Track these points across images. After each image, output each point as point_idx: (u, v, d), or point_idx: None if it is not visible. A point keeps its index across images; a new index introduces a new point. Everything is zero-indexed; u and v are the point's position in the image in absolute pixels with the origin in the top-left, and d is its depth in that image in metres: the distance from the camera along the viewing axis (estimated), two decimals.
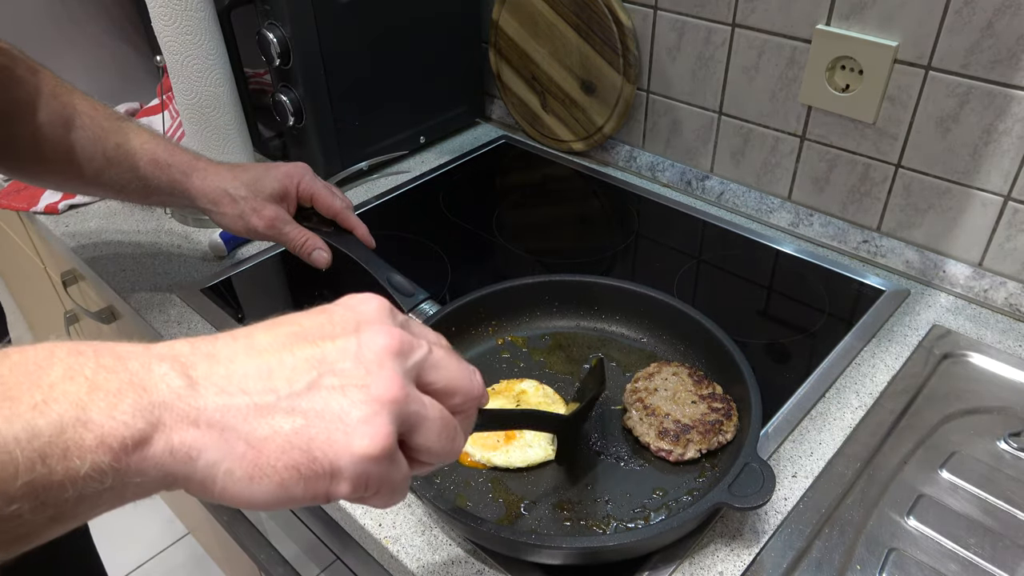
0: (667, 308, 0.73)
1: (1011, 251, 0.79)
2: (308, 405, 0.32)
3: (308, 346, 0.34)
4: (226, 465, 0.31)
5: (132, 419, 0.29)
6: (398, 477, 0.35)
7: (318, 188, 0.81)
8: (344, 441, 0.32)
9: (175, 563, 1.64)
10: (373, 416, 0.32)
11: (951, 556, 0.58)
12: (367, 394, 0.33)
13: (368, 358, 0.34)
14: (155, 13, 0.87)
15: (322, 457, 0.32)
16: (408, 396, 0.34)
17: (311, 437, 0.32)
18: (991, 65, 0.73)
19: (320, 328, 0.35)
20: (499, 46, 1.14)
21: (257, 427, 0.31)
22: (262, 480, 0.31)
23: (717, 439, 0.63)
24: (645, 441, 0.64)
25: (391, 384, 0.33)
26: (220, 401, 0.31)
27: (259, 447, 0.31)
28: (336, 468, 0.32)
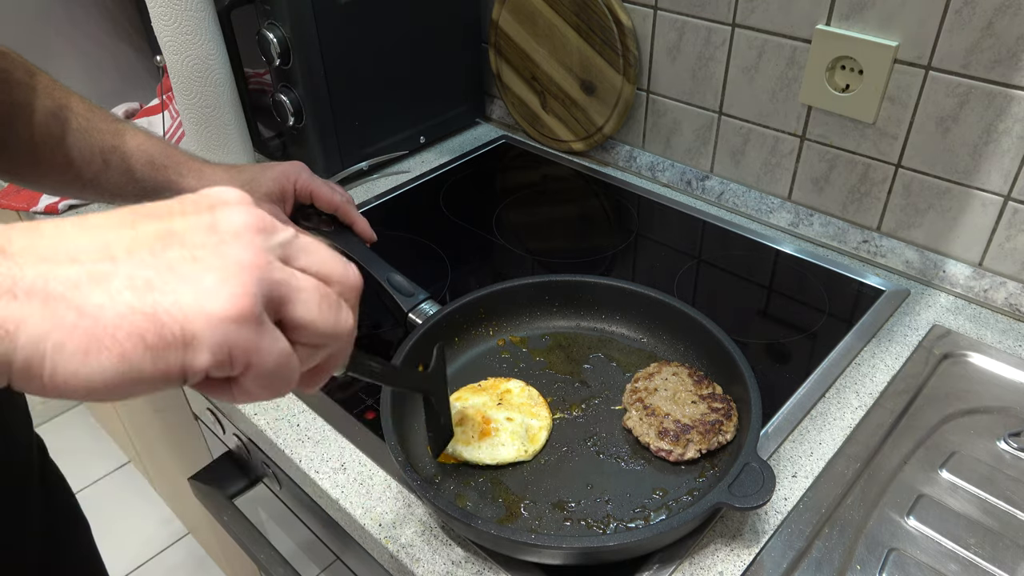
0: (667, 308, 0.73)
1: (1011, 251, 0.79)
2: (151, 271, 0.28)
3: (153, 221, 0.30)
4: (55, 339, 0.26)
5: None
6: (272, 350, 0.30)
7: (316, 185, 0.81)
8: (196, 302, 0.28)
9: (175, 563, 1.64)
10: (230, 276, 0.29)
11: (951, 556, 0.58)
12: (222, 259, 0.29)
13: (224, 230, 0.30)
14: (155, 13, 0.87)
15: (171, 322, 0.27)
16: (271, 264, 0.30)
17: (156, 301, 0.27)
18: (991, 65, 0.73)
19: (168, 207, 0.30)
20: (499, 46, 1.14)
21: (90, 294, 0.27)
22: (100, 353, 0.26)
23: (717, 439, 0.63)
24: (645, 441, 0.64)
25: (249, 251, 0.30)
26: (43, 269, 0.27)
27: (95, 315, 0.26)
28: (189, 333, 0.28)
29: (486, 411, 0.66)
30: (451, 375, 0.72)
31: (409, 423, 0.65)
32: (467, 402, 0.67)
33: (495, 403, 0.67)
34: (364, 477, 0.65)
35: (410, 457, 0.63)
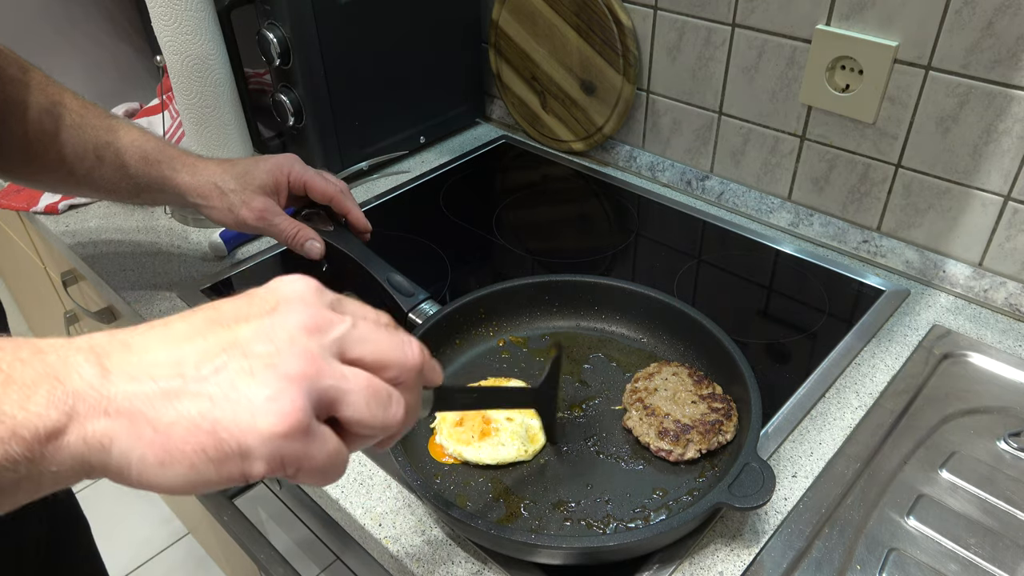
0: (667, 308, 0.73)
1: (1011, 251, 0.79)
2: (215, 388, 0.32)
3: (222, 330, 0.33)
4: (138, 452, 0.31)
5: (45, 410, 0.30)
6: (321, 454, 0.33)
7: (309, 176, 0.81)
8: (249, 420, 0.31)
9: (175, 563, 1.64)
10: (280, 393, 0.32)
11: (951, 556, 0.58)
12: (275, 372, 0.32)
13: (280, 337, 0.33)
14: (155, 13, 0.87)
15: (228, 438, 0.31)
16: (321, 371, 0.33)
17: (216, 419, 0.31)
18: (991, 65, 0.73)
19: (236, 311, 0.34)
20: (499, 46, 1.14)
21: (163, 412, 0.31)
22: (173, 464, 0.31)
23: (717, 439, 0.63)
24: (645, 441, 0.64)
25: (300, 360, 0.33)
26: (129, 388, 0.31)
27: (166, 432, 0.31)
28: (245, 448, 0.31)
29: (486, 411, 0.66)
30: (451, 375, 0.72)
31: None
32: None
33: None
34: (364, 477, 0.65)
35: (410, 457, 0.63)
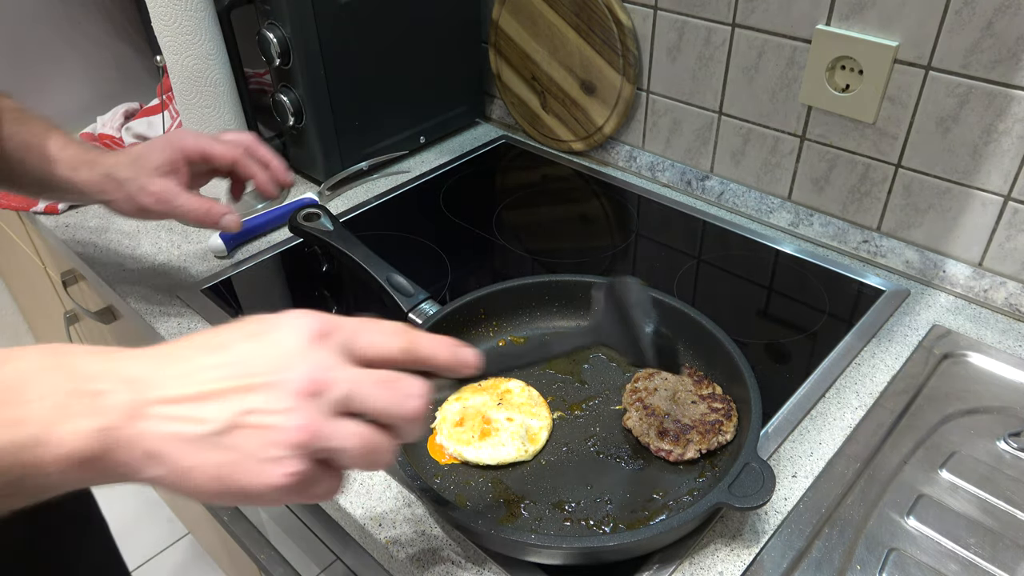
0: (667, 308, 0.73)
1: (1011, 251, 0.79)
2: (229, 442, 0.37)
3: (234, 383, 0.38)
4: (165, 481, 0.37)
5: (87, 444, 0.35)
6: (321, 490, 0.40)
7: (205, 143, 0.75)
8: (256, 477, 0.37)
9: (175, 563, 1.64)
10: (282, 459, 0.38)
11: (951, 556, 0.58)
12: (276, 436, 0.38)
13: (283, 402, 0.38)
14: (155, 13, 0.87)
15: (237, 487, 0.38)
16: (317, 437, 0.38)
17: (230, 471, 0.37)
18: (991, 65, 0.73)
19: (249, 362, 0.39)
20: (499, 46, 1.14)
21: (185, 456, 0.37)
22: (195, 493, 0.38)
23: (717, 439, 0.63)
24: (645, 441, 0.64)
25: (300, 429, 0.38)
26: (156, 430, 0.37)
27: (186, 473, 0.37)
28: (251, 494, 0.38)
29: (486, 411, 0.66)
30: None
31: None
32: (467, 402, 0.67)
33: (495, 403, 0.67)
34: (364, 477, 0.65)
35: (410, 457, 0.63)
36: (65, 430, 0.35)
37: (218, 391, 0.38)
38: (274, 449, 0.38)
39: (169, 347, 0.40)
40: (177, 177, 0.74)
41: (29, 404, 0.35)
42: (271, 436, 0.38)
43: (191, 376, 0.39)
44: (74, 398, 0.36)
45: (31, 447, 0.35)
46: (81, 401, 0.36)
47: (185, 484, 0.37)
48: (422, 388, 0.42)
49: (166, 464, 0.37)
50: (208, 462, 0.37)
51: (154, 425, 0.37)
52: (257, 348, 0.40)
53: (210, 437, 0.37)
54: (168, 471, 0.37)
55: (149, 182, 0.72)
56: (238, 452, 0.37)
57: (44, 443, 0.35)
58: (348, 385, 0.40)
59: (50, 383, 0.36)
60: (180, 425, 0.37)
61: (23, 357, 0.37)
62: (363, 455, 0.40)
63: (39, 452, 0.35)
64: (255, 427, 0.38)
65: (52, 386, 0.36)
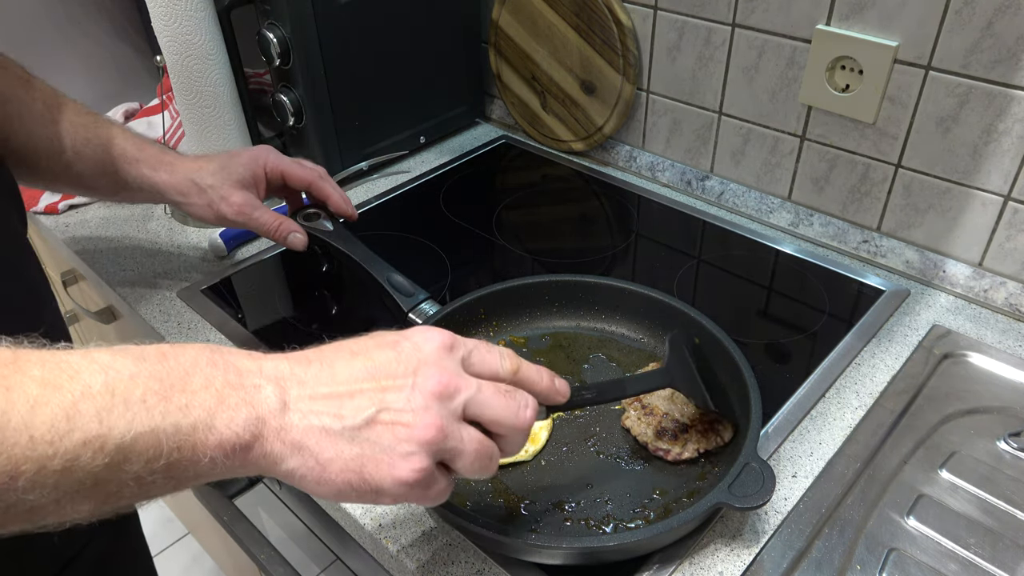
0: (667, 308, 0.73)
1: (1011, 251, 0.79)
2: (365, 436, 0.41)
3: (373, 383, 0.42)
4: (301, 472, 0.41)
5: (242, 431, 0.39)
6: (435, 492, 0.44)
7: (285, 164, 0.80)
8: (388, 471, 0.41)
9: (175, 563, 1.64)
10: (412, 454, 0.41)
11: (951, 556, 0.58)
12: (410, 433, 0.41)
13: (417, 402, 0.42)
14: (155, 13, 0.87)
15: (370, 479, 0.41)
16: (446, 436, 0.42)
17: (363, 464, 0.41)
18: (991, 65, 0.73)
19: (387, 367, 0.43)
20: (499, 46, 1.14)
21: (325, 448, 0.40)
22: (326, 486, 0.41)
23: (715, 439, 0.63)
24: (643, 440, 0.64)
25: (430, 427, 0.41)
26: (301, 423, 0.40)
27: (324, 465, 0.41)
28: (380, 488, 0.41)
29: None
30: None
31: None
32: None
33: None
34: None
35: None
36: (224, 418, 0.38)
37: (359, 390, 0.42)
38: (407, 445, 0.41)
39: (311, 352, 0.44)
40: (256, 190, 0.79)
41: (195, 393, 0.38)
42: (405, 432, 0.41)
43: (334, 377, 0.42)
44: (232, 389, 0.39)
45: (193, 432, 0.37)
46: (237, 393, 0.39)
47: (321, 475, 0.40)
48: (533, 402, 0.47)
49: (307, 455, 0.40)
50: (345, 454, 0.41)
51: (300, 418, 0.40)
52: (393, 355, 0.43)
53: (350, 431, 0.41)
54: (308, 462, 0.40)
55: (231, 192, 0.77)
56: (374, 447, 0.41)
57: (205, 428, 0.38)
58: (474, 391, 0.44)
59: (211, 375, 0.39)
60: (323, 419, 0.41)
61: (186, 351, 0.40)
62: (477, 459, 0.44)
63: (199, 437, 0.37)
64: (391, 423, 0.41)
65: (213, 378, 0.39)
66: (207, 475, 0.39)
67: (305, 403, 0.41)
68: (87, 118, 0.74)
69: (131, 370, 0.37)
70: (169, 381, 0.38)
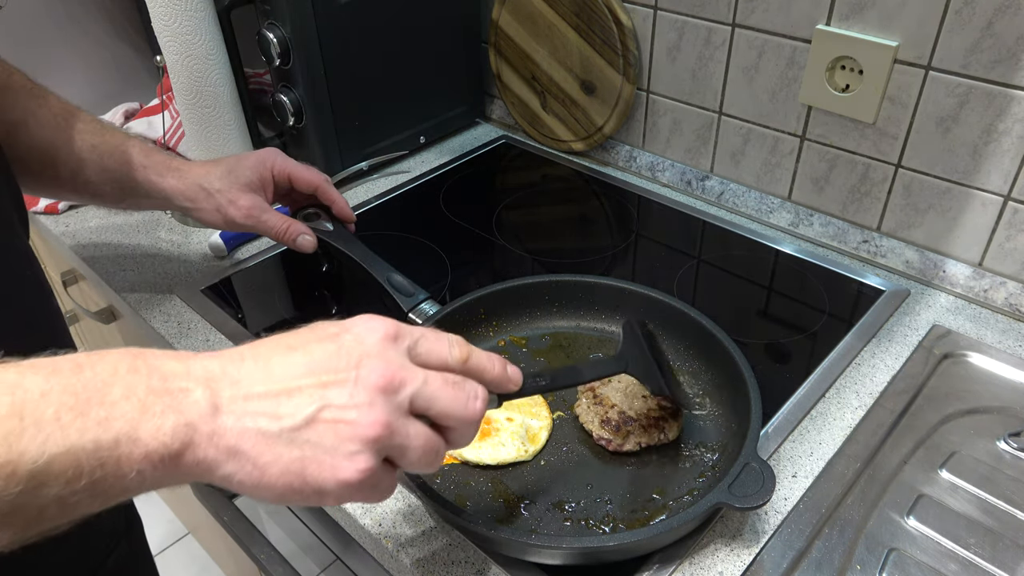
0: (667, 308, 0.73)
1: (1011, 251, 0.79)
2: (306, 437, 0.38)
3: (313, 379, 0.39)
4: (238, 478, 0.38)
5: (171, 440, 0.36)
6: (380, 491, 0.42)
7: (292, 167, 0.80)
8: (330, 472, 0.39)
9: (175, 563, 1.64)
10: (356, 453, 0.39)
11: (951, 556, 0.58)
12: (354, 431, 0.39)
13: (360, 397, 0.39)
14: (155, 13, 0.87)
15: (312, 482, 0.39)
16: (392, 433, 0.40)
17: (305, 467, 0.38)
18: (991, 65, 0.73)
19: (327, 361, 0.40)
20: (499, 46, 1.14)
21: (263, 452, 0.38)
22: (265, 491, 0.39)
23: (658, 436, 0.64)
24: (588, 428, 0.65)
25: (376, 424, 0.39)
26: (236, 426, 0.38)
27: (263, 469, 0.38)
28: (323, 490, 0.39)
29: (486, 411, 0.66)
30: None
31: None
32: None
33: None
34: None
35: None
36: (149, 428, 0.36)
37: (297, 387, 0.39)
38: (351, 444, 0.39)
39: (245, 348, 0.41)
40: (263, 193, 0.79)
41: (115, 404, 0.35)
42: (348, 431, 0.39)
43: (269, 374, 0.40)
44: (156, 396, 0.37)
45: (115, 446, 0.35)
46: (162, 399, 0.37)
47: (260, 480, 0.38)
48: (483, 392, 0.45)
49: (244, 460, 0.38)
50: (285, 457, 0.38)
51: (234, 421, 0.38)
52: (333, 348, 0.41)
53: (289, 432, 0.38)
54: (246, 467, 0.38)
55: (239, 196, 0.77)
56: (315, 447, 0.38)
57: (129, 441, 0.35)
58: (420, 383, 0.41)
59: (132, 383, 0.36)
60: (259, 420, 0.38)
61: (104, 359, 0.37)
62: (424, 455, 0.42)
63: (123, 451, 0.35)
64: (333, 421, 0.39)
65: (134, 385, 0.36)
66: (137, 489, 0.37)
67: (239, 404, 0.38)
68: (94, 126, 0.74)
69: (42, 387, 0.34)
70: (85, 395, 0.35)
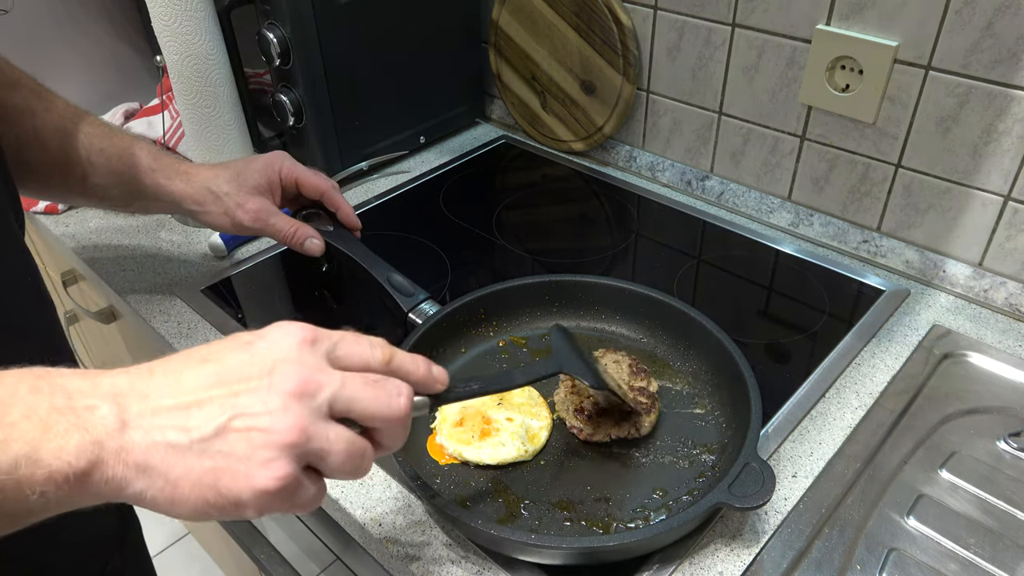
0: (667, 308, 0.73)
1: (1011, 251, 0.79)
2: (217, 448, 0.37)
3: (225, 391, 0.38)
4: (150, 494, 0.37)
5: (75, 459, 0.34)
6: (303, 499, 0.40)
7: (300, 171, 0.80)
8: (245, 481, 0.37)
9: (175, 563, 1.64)
10: (271, 460, 0.37)
11: (951, 556, 0.58)
12: (267, 438, 0.37)
13: (274, 403, 0.38)
14: (155, 13, 0.87)
15: (227, 492, 0.37)
16: (309, 438, 0.38)
17: (218, 478, 0.37)
18: (991, 65, 0.73)
19: (239, 369, 0.39)
20: (499, 46, 1.14)
21: (173, 465, 0.36)
22: (179, 506, 0.37)
23: (630, 430, 0.64)
24: (562, 416, 0.66)
25: (290, 429, 0.38)
26: (144, 441, 0.36)
27: (175, 483, 0.37)
28: (239, 501, 0.37)
29: (486, 411, 0.66)
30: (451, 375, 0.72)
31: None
32: (467, 402, 0.67)
33: (495, 403, 0.67)
34: (364, 477, 0.65)
35: (410, 457, 0.63)
36: (51, 448, 0.34)
37: (208, 398, 0.38)
38: (265, 451, 0.37)
39: (154, 364, 0.39)
40: (271, 196, 0.79)
41: (13, 426, 0.34)
42: (262, 438, 0.37)
43: (179, 386, 0.38)
44: (59, 414, 0.35)
45: (14, 469, 0.33)
46: (66, 417, 0.35)
47: (173, 495, 0.37)
48: (408, 389, 0.43)
49: (154, 475, 0.36)
50: (197, 469, 0.37)
51: (142, 436, 0.36)
52: (246, 356, 0.40)
53: (199, 443, 0.37)
54: (157, 483, 0.36)
55: (247, 199, 0.77)
56: (228, 457, 0.37)
57: (29, 463, 0.34)
58: (337, 386, 0.40)
59: (33, 403, 0.35)
60: (168, 434, 0.37)
61: (3, 380, 0.35)
62: (348, 459, 0.40)
63: (22, 473, 0.33)
64: (245, 430, 0.37)
65: (35, 405, 0.35)
66: (43, 511, 0.35)
67: (147, 419, 0.37)
68: (102, 130, 0.74)
69: None
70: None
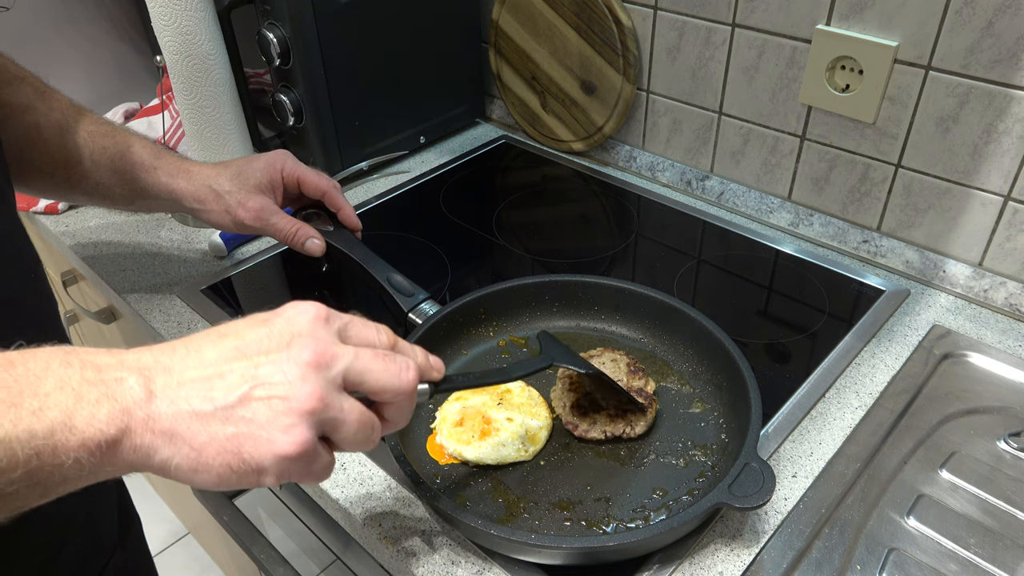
0: (667, 308, 0.73)
1: (1011, 251, 0.79)
2: (240, 415, 0.39)
3: (246, 362, 0.40)
4: (176, 461, 0.39)
5: (106, 426, 0.37)
6: (319, 466, 0.42)
7: (302, 171, 0.80)
8: (267, 446, 0.39)
9: (175, 563, 1.64)
10: (292, 426, 0.39)
11: (951, 556, 0.58)
12: (288, 405, 0.40)
13: (293, 373, 0.40)
14: (155, 13, 0.87)
15: (249, 458, 0.39)
16: (326, 406, 0.41)
17: (240, 443, 0.39)
18: (991, 65, 0.73)
19: (258, 343, 0.41)
20: (499, 46, 1.14)
21: (198, 432, 0.39)
22: (204, 472, 0.39)
23: (624, 428, 0.64)
24: (558, 412, 0.66)
25: (309, 397, 0.40)
26: (170, 410, 0.38)
27: (199, 449, 0.39)
28: (261, 467, 0.39)
29: (486, 411, 0.66)
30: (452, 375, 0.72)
31: (409, 423, 0.65)
32: (467, 402, 0.67)
33: (495, 403, 0.67)
34: (364, 477, 0.65)
35: (410, 457, 0.63)
36: (84, 415, 0.36)
37: (230, 370, 0.40)
38: (285, 417, 0.39)
39: (175, 342, 0.41)
40: (273, 195, 0.79)
41: (47, 395, 0.36)
42: (283, 405, 0.39)
43: (202, 360, 0.40)
44: (90, 386, 0.37)
45: (50, 435, 0.35)
46: (97, 388, 0.37)
47: (197, 462, 0.38)
48: (415, 364, 0.46)
49: (180, 442, 0.38)
50: (220, 436, 0.39)
51: (168, 405, 0.38)
52: (264, 331, 0.42)
53: (223, 411, 0.39)
54: (183, 450, 0.38)
55: (248, 198, 0.77)
56: (250, 424, 0.39)
57: (64, 429, 0.36)
58: (351, 358, 0.42)
59: (65, 375, 0.37)
60: (193, 402, 0.39)
61: (36, 356, 0.38)
62: (360, 429, 0.42)
63: (59, 439, 0.35)
64: (267, 398, 0.39)
65: (68, 378, 0.37)
66: (75, 479, 0.37)
67: (172, 390, 0.39)
68: (104, 127, 0.74)
69: None
70: (18, 388, 0.36)
